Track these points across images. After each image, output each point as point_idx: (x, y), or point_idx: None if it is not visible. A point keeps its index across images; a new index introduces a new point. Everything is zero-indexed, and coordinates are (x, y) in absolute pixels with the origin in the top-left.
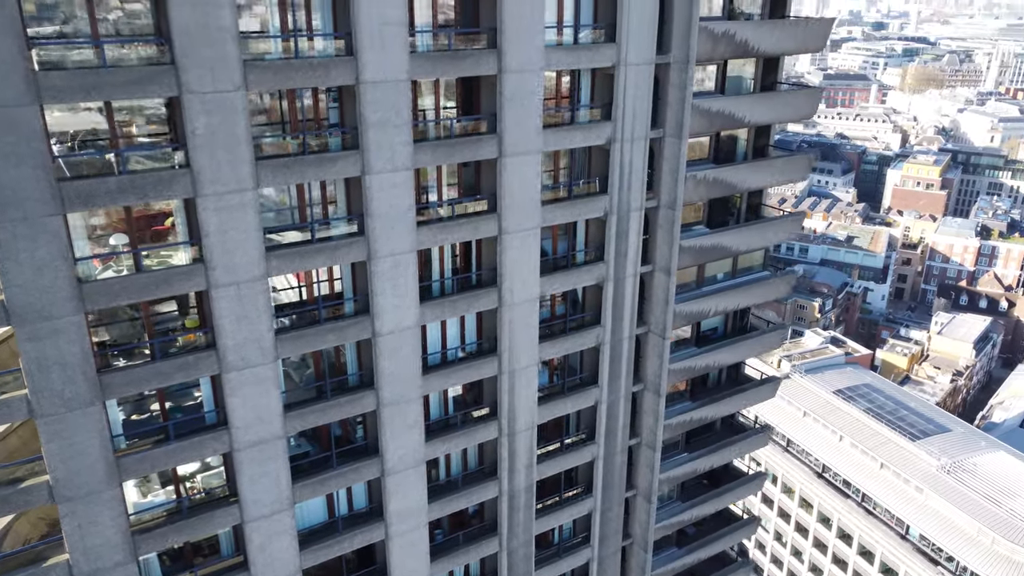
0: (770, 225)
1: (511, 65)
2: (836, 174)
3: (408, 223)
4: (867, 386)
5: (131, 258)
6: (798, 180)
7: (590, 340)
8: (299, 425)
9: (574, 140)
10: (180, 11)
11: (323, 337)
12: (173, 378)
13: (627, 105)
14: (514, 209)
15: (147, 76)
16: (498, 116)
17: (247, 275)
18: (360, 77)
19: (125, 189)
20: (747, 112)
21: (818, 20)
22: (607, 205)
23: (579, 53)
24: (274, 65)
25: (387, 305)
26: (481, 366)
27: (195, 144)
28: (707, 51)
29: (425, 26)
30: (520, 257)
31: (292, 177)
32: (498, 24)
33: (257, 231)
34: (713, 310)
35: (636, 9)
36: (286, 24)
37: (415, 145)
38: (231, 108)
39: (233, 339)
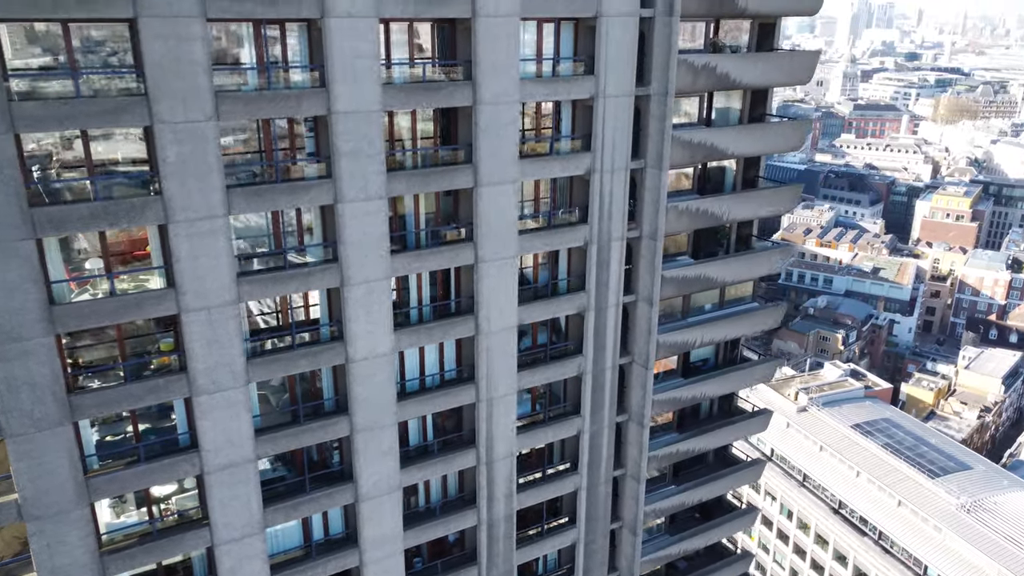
0: (757, 256)
1: (486, 97)
2: (864, 205)
3: (382, 251)
4: (886, 421)
5: (111, 281)
6: (785, 211)
7: (571, 369)
8: (271, 449)
9: (552, 170)
10: (152, 45)
11: (295, 362)
12: (144, 400)
13: (606, 136)
14: (490, 238)
15: (120, 107)
16: (474, 146)
17: (218, 300)
18: (332, 108)
19: (97, 215)
20: (730, 144)
21: (803, 53)
22: (587, 235)
23: (556, 85)
24: (246, 96)
25: (360, 331)
26: (458, 394)
27: (166, 172)
28: (688, 83)
29: (402, 59)
30: (497, 285)
31: (264, 205)
32: (473, 57)
33: (228, 257)
34: (699, 341)
35: (614, 42)
36: (262, 57)
37: (389, 174)
38: (202, 137)
39: (204, 363)
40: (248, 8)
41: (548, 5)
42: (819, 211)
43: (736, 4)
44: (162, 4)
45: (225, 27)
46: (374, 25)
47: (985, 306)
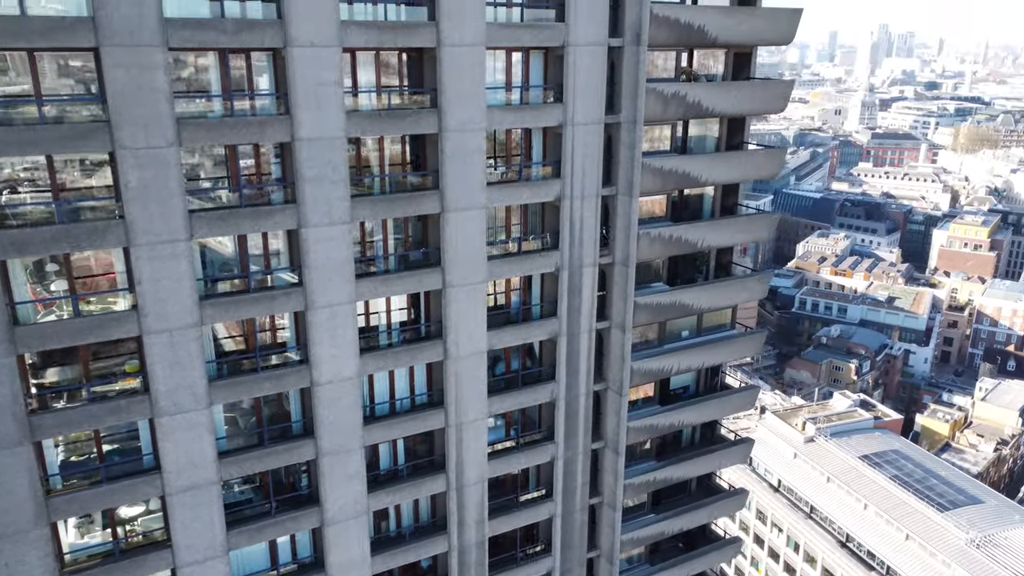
0: (734, 283)
1: (451, 124)
2: (880, 233)
3: (346, 275)
4: (895, 452)
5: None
6: (762, 239)
7: (544, 395)
8: (235, 471)
9: (521, 196)
10: (114, 73)
11: (259, 385)
12: (105, 421)
13: (576, 163)
14: (458, 263)
15: (82, 133)
16: (440, 173)
17: (179, 322)
18: (295, 135)
19: (59, 238)
20: (703, 171)
21: (777, 82)
22: (558, 261)
23: (523, 113)
24: (208, 123)
25: (325, 355)
26: (427, 418)
27: (128, 196)
28: (658, 112)
29: (370, 86)
30: (466, 310)
31: (227, 229)
32: (438, 85)
33: (190, 280)
34: (675, 368)
35: (583, 71)
36: (226, 84)
37: (354, 200)
38: (164, 163)
39: (165, 384)
40: (211, 38)
41: (515, 35)
42: (834, 239)
43: (706, 34)
44: (124, 34)
45: (192, 55)
46: (337, 54)
47: (1004, 337)
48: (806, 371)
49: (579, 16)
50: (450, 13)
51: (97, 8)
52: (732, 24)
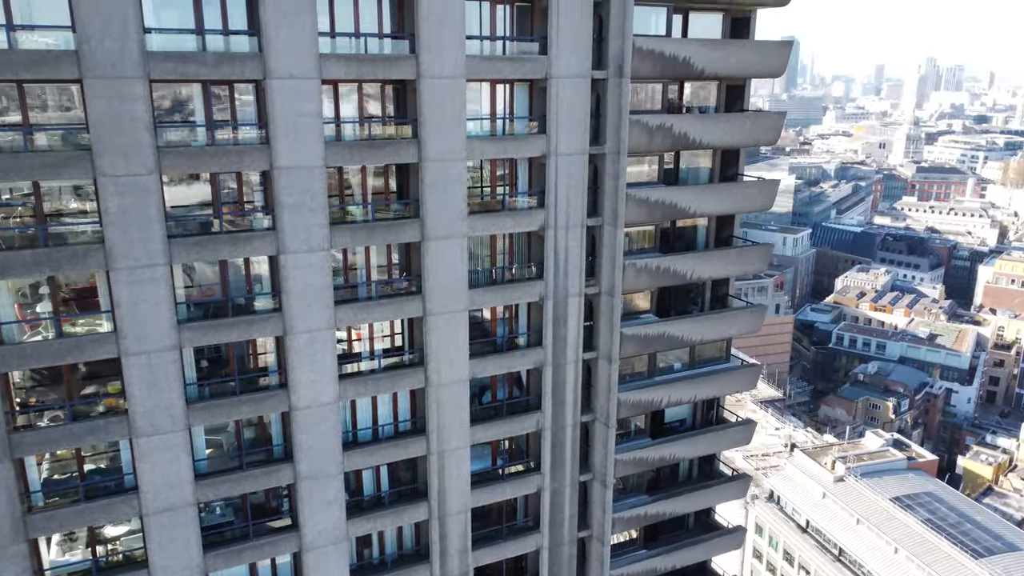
0: (726, 316)
1: (431, 154)
2: (923, 269)
3: (325, 301)
4: (929, 495)
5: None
6: (754, 271)
7: (529, 425)
8: (211, 494)
9: (504, 226)
10: (95, 104)
11: (237, 408)
12: (84, 440)
13: (559, 193)
14: (439, 291)
15: (64, 160)
16: (420, 201)
17: (157, 345)
18: (274, 164)
19: (40, 261)
20: (691, 203)
21: (767, 114)
22: (542, 290)
23: (505, 143)
24: (188, 151)
25: (304, 380)
26: (408, 445)
27: (108, 222)
28: (643, 143)
29: (352, 116)
30: (447, 338)
31: (206, 255)
32: (418, 116)
33: (169, 304)
34: (665, 401)
35: (565, 103)
36: (209, 114)
37: (334, 227)
38: (144, 190)
39: (143, 406)
40: (192, 70)
41: (496, 68)
42: (874, 275)
43: (692, 67)
44: (106, 66)
45: (176, 86)
46: (316, 86)
47: None
48: (842, 408)
49: (561, 49)
50: (430, 47)
51: (81, 42)
52: (719, 57)
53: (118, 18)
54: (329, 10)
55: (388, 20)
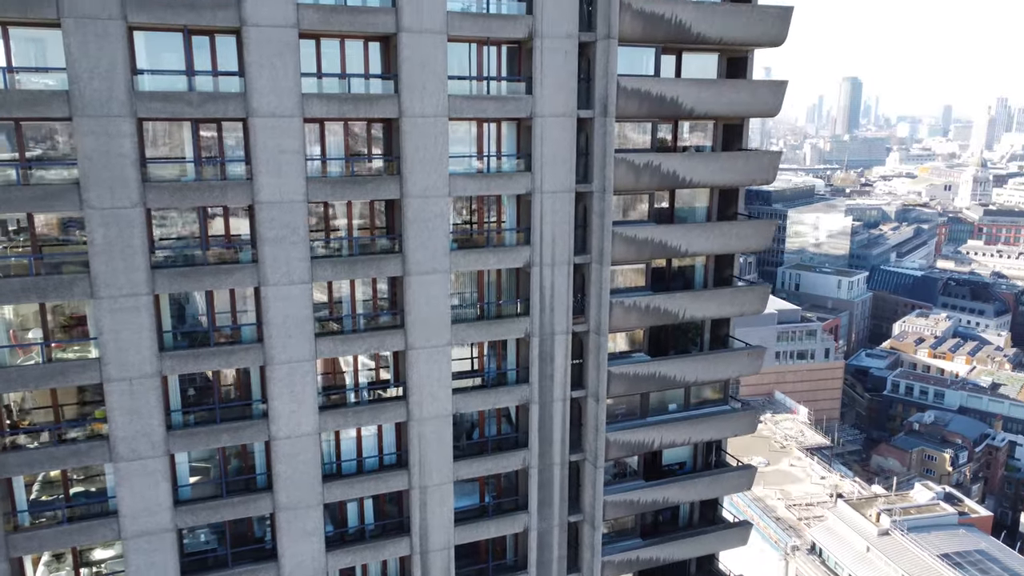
0: (722, 357)
1: (413, 191)
2: (988, 315)
3: (306, 333)
4: (981, 553)
5: (43, 350)
6: (752, 312)
7: (515, 463)
8: (191, 520)
9: (488, 262)
10: (84, 140)
11: (217, 436)
12: (66, 463)
13: (545, 231)
14: (421, 326)
15: (53, 193)
16: (402, 237)
17: (139, 372)
18: (256, 198)
19: (28, 289)
20: (682, 241)
21: (762, 153)
22: (528, 327)
23: (489, 181)
24: (172, 186)
25: (283, 410)
26: (389, 479)
27: (94, 252)
28: (630, 181)
29: (337, 152)
30: (429, 373)
31: (188, 285)
32: (400, 153)
33: (151, 332)
34: (657, 442)
35: (550, 141)
36: (199, 150)
37: (315, 260)
38: (128, 222)
39: (124, 431)
40: (177, 109)
41: (480, 107)
42: (935, 320)
43: (680, 106)
44: (95, 105)
45: (165, 123)
46: (299, 124)
47: None
48: (895, 459)
49: (545, 89)
50: (411, 86)
51: (72, 83)
52: (709, 96)
53: (106, 61)
54: (316, 53)
55: (377, 62)
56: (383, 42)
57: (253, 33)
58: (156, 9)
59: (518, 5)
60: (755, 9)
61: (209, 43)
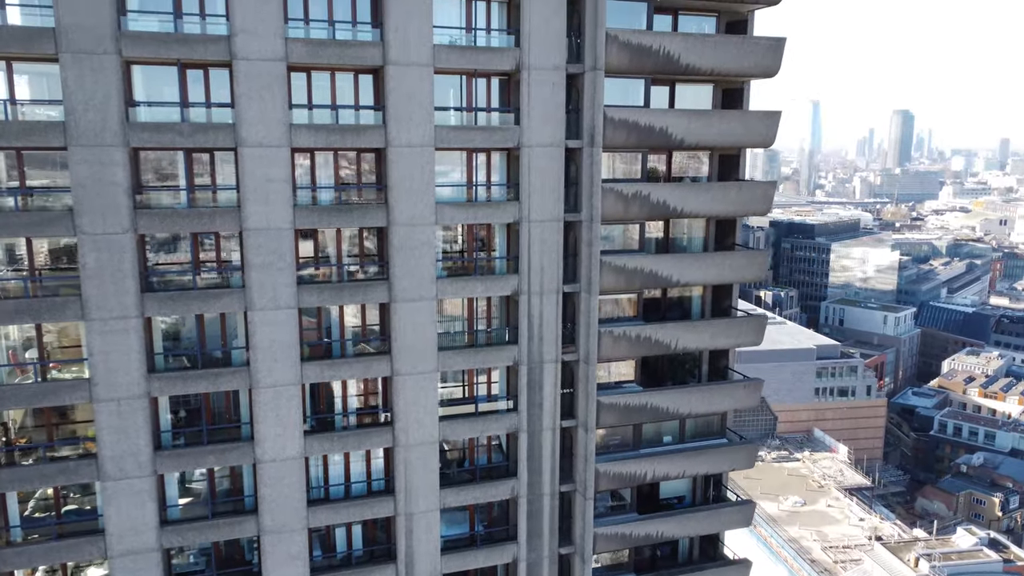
0: (715, 389)
1: (400, 219)
2: None
3: (292, 358)
4: None
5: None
6: (750, 344)
7: (503, 492)
8: (176, 541)
9: (475, 290)
10: (79, 168)
11: (203, 458)
12: (55, 480)
13: (533, 260)
14: (407, 352)
15: (48, 219)
16: (388, 264)
17: (127, 393)
18: (244, 225)
19: (22, 311)
20: (672, 271)
21: (757, 183)
22: (516, 355)
23: (476, 210)
24: (162, 213)
25: (268, 433)
26: (375, 505)
27: (86, 275)
28: (619, 211)
29: (328, 180)
30: (416, 399)
31: (177, 309)
32: (387, 182)
33: (139, 354)
34: (650, 475)
35: (538, 171)
36: (192, 177)
37: (302, 286)
38: (119, 247)
39: (111, 450)
40: (168, 139)
41: (467, 137)
42: (986, 358)
43: (670, 137)
44: (89, 135)
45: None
46: (286, 154)
47: None
48: (941, 502)
49: (533, 120)
50: (398, 117)
51: (68, 114)
52: (699, 127)
53: (101, 93)
54: (307, 85)
55: (369, 93)
56: (373, 74)
57: (243, 66)
58: (150, 44)
59: (507, 38)
60: (746, 40)
61: (203, 76)
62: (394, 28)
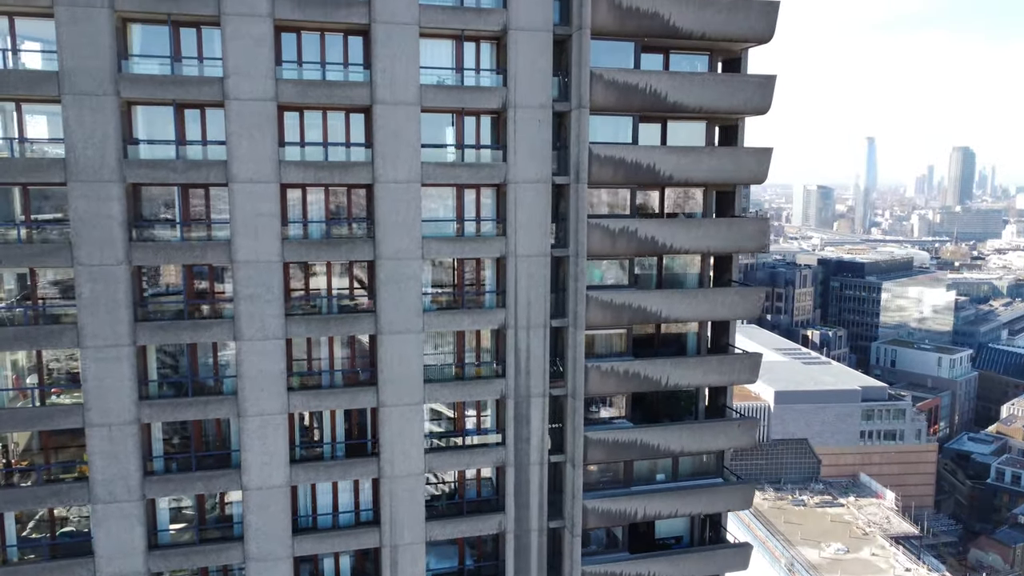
0: (709, 427)
1: (386, 252)
2: None
3: (278, 387)
4: None
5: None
6: (744, 382)
7: (490, 526)
8: (163, 566)
9: (462, 323)
10: (77, 203)
11: (191, 484)
12: (47, 502)
13: (520, 294)
14: (393, 384)
15: (48, 251)
16: (376, 297)
17: (118, 419)
18: (233, 258)
19: (20, 337)
20: (662, 307)
21: (750, 220)
22: (503, 389)
23: (463, 244)
24: (155, 245)
25: (255, 461)
26: (360, 536)
27: (81, 305)
28: (606, 247)
29: (316, 216)
30: (401, 430)
31: (167, 338)
32: (374, 217)
33: (131, 381)
34: (640, 513)
35: (525, 206)
36: (186, 212)
37: (290, 318)
38: (114, 278)
39: (102, 474)
40: (162, 175)
41: (454, 174)
42: None
43: (658, 173)
44: (88, 171)
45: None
46: (275, 189)
47: None
48: (996, 553)
49: (519, 157)
50: (384, 154)
51: (68, 151)
52: (688, 163)
53: (100, 132)
54: (300, 123)
55: (360, 130)
56: (364, 112)
57: (234, 106)
58: (147, 86)
59: (497, 77)
60: (734, 78)
61: (200, 115)
62: (381, 69)
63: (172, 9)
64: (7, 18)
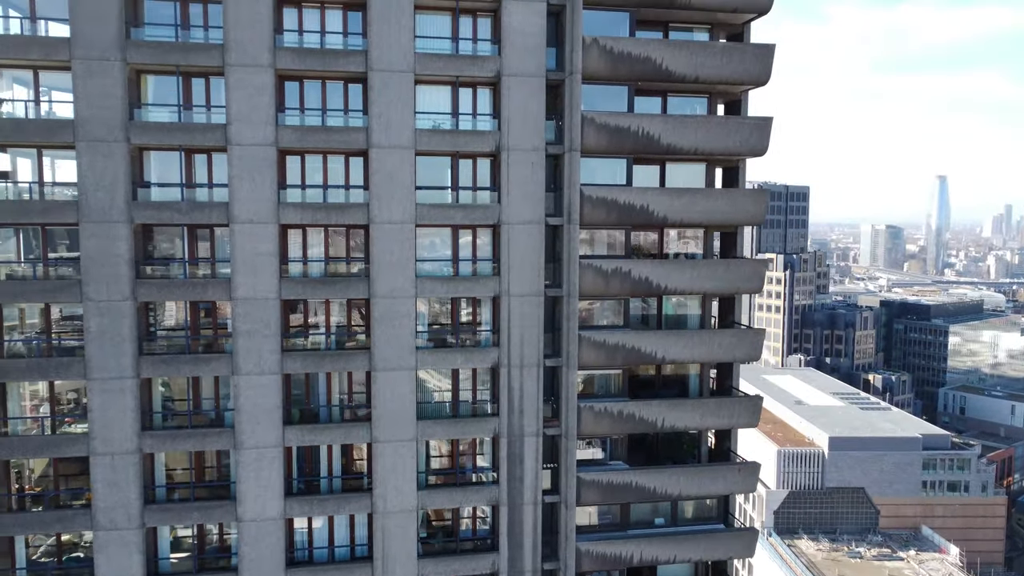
0: (707, 471)
1: (380, 291)
2: None
3: (274, 421)
4: None
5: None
6: (744, 425)
7: (484, 566)
8: None
9: (455, 362)
10: (88, 242)
11: (188, 514)
12: (53, 527)
13: (513, 333)
14: (386, 420)
15: (58, 287)
16: (370, 334)
17: (121, 448)
18: (233, 295)
19: (32, 368)
20: (656, 348)
21: (747, 261)
22: (496, 427)
23: (456, 284)
24: (158, 283)
25: (250, 494)
26: (352, 572)
27: (89, 338)
28: (600, 287)
29: (315, 255)
30: (394, 466)
31: (169, 371)
32: (369, 256)
33: (134, 412)
34: (636, 557)
35: (517, 247)
36: (193, 250)
37: (286, 354)
38: (119, 313)
39: (104, 502)
40: (168, 216)
41: (447, 215)
42: None
43: (652, 214)
44: (98, 212)
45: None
46: (274, 230)
47: None
48: None
49: (512, 198)
50: (379, 196)
51: (80, 194)
52: (682, 205)
53: (110, 176)
54: (301, 166)
55: (359, 173)
56: (363, 156)
57: (236, 151)
58: (156, 132)
59: (493, 121)
60: (729, 120)
61: (207, 159)
62: (377, 115)
63: (180, 60)
64: (32, 71)
